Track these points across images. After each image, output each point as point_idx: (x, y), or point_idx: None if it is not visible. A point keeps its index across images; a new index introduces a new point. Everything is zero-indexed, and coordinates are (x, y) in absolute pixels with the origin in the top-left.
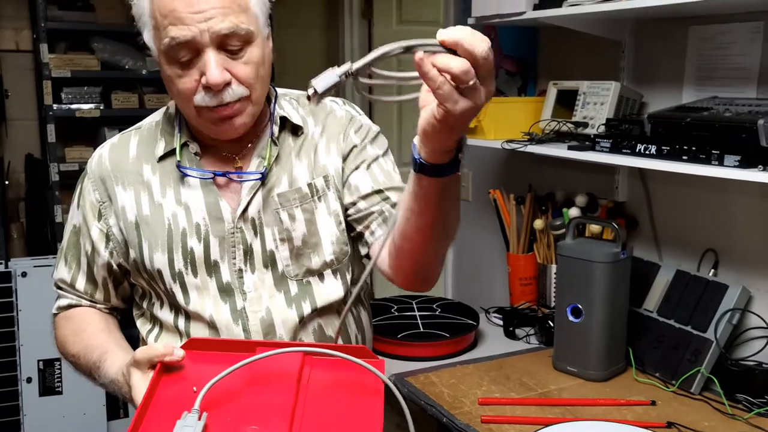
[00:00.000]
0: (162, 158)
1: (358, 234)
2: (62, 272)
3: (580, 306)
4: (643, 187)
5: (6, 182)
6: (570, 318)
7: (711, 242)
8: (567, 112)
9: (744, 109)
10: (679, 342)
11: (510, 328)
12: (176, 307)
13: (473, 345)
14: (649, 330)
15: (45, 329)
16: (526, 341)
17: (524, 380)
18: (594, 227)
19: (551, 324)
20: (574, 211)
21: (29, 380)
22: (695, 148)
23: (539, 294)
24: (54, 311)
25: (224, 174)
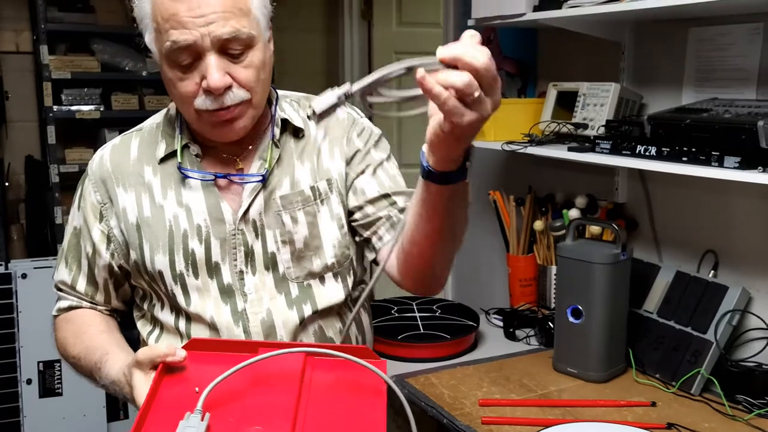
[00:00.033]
0: (163, 160)
1: (365, 239)
2: (63, 274)
3: (580, 307)
4: (643, 189)
5: (6, 184)
6: (570, 319)
7: (711, 243)
8: (567, 114)
9: (744, 111)
10: (679, 343)
11: (510, 330)
12: (177, 309)
13: (473, 346)
14: (649, 331)
15: (45, 331)
16: (526, 342)
17: (524, 381)
18: (594, 228)
19: (551, 325)
20: (574, 213)
21: (29, 382)
22: (695, 150)
23: (539, 295)
24: (54, 313)
25: (225, 176)
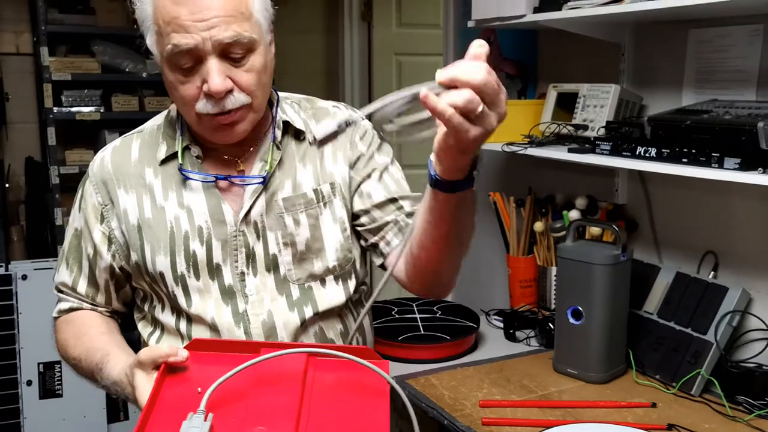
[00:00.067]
0: (164, 161)
1: (372, 244)
2: (63, 275)
3: (581, 308)
4: (643, 190)
5: (6, 185)
6: (570, 320)
7: (711, 244)
8: (567, 115)
9: (744, 112)
10: (680, 344)
11: (510, 331)
12: (178, 310)
13: (474, 347)
14: (650, 332)
15: (45, 332)
16: (527, 343)
17: (525, 382)
18: (594, 229)
19: (551, 326)
20: (574, 214)
21: (29, 383)
22: (695, 151)
23: (539, 296)
24: (55, 315)
25: (226, 177)
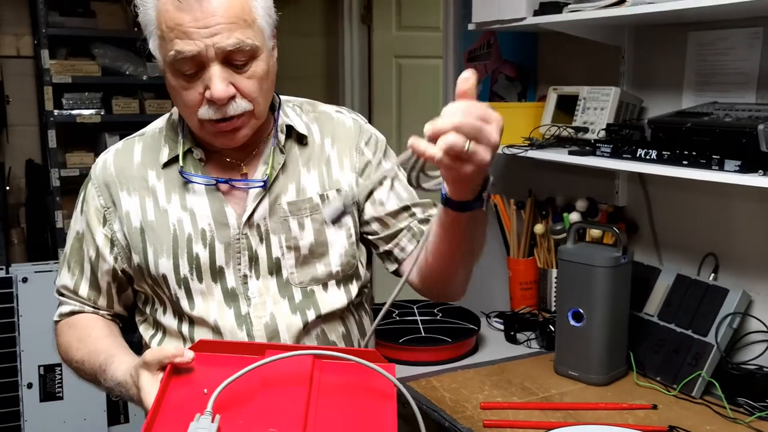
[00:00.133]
0: (166, 164)
1: (386, 251)
2: (65, 279)
3: (581, 310)
4: (643, 192)
5: (7, 188)
6: (571, 322)
7: (711, 246)
8: (567, 118)
9: (744, 114)
10: (680, 346)
11: (511, 333)
12: (180, 313)
13: (474, 349)
14: (650, 334)
15: (46, 335)
16: (527, 345)
17: (526, 384)
18: (594, 232)
19: (552, 328)
20: (575, 216)
21: (30, 386)
22: (695, 153)
23: (540, 298)
24: (56, 318)
25: (227, 181)
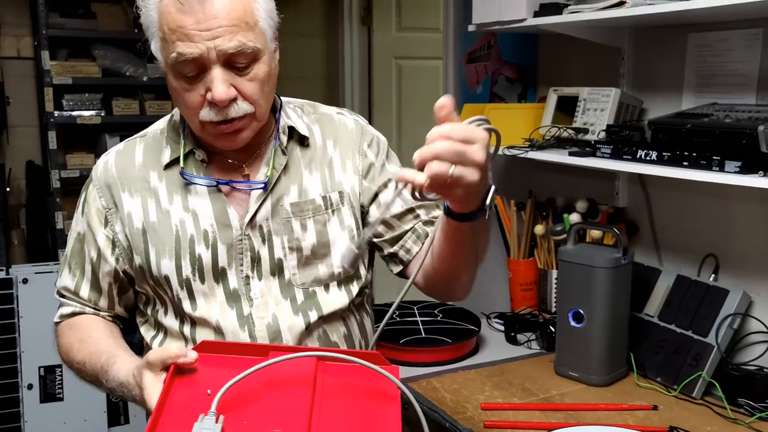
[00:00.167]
0: (168, 166)
1: (391, 254)
2: (66, 280)
3: (582, 311)
4: (644, 193)
5: (7, 189)
6: (571, 323)
7: (711, 247)
8: (567, 119)
9: (744, 116)
10: (680, 347)
11: (511, 334)
12: (181, 314)
13: (475, 350)
14: (650, 335)
15: (46, 336)
16: (528, 346)
17: (526, 385)
18: (595, 233)
19: (552, 329)
20: (575, 217)
21: (30, 387)
22: (696, 154)
23: (540, 299)
24: (56, 320)
25: (228, 182)
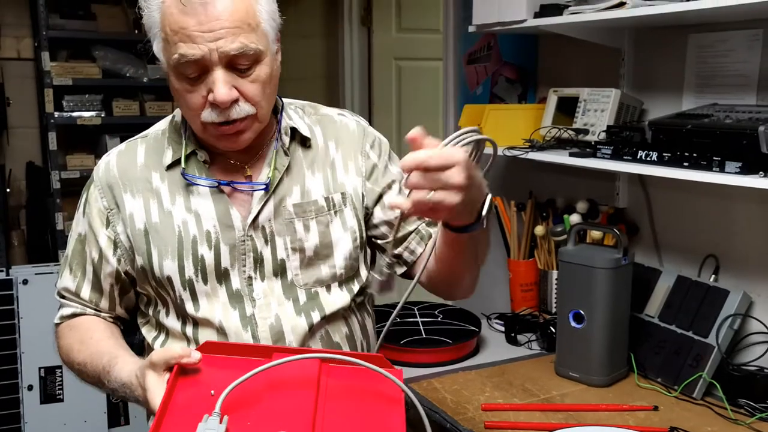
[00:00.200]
0: (170, 166)
1: (396, 255)
2: (67, 281)
3: (582, 312)
4: (644, 194)
5: (7, 190)
6: (572, 324)
7: (712, 248)
8: (567, 119)
9: (744, 116)
10: (681, 347)
11: (512, 334)
12: (183, 314)
13: (475, 351)
14: (651, 335)
15: (46, 337)
16: (528, 347)
17: (527, 386)
18: (595, 233)
19: (553, 330)
20: (575, 218)
21: (30, 388)
22: (696, 155)
23: (540, 300)
24: (56, 321)
25: (229, 183)
